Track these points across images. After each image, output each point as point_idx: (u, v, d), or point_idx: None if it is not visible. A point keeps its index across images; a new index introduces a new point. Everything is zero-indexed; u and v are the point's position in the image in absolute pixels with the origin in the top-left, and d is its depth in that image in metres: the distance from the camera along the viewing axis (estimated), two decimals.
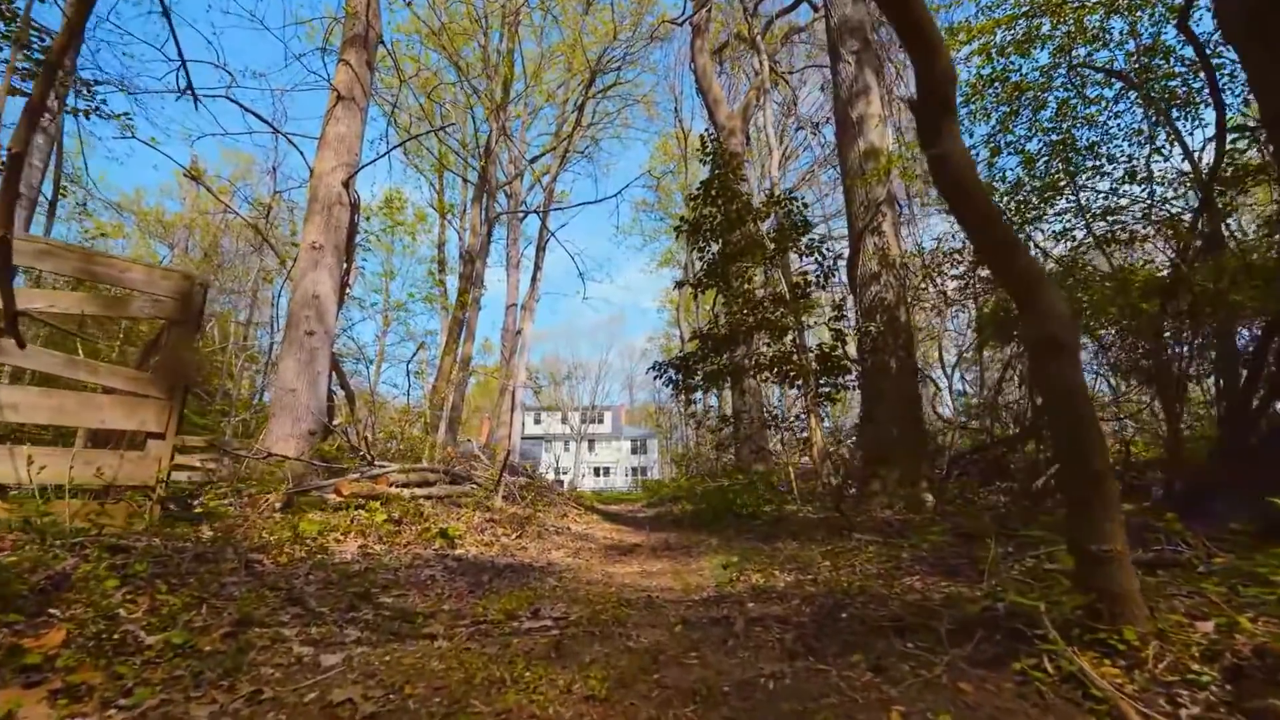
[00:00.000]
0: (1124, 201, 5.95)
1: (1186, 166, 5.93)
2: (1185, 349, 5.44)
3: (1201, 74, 5.67)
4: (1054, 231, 6.67)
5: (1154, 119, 5.81)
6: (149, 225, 26.27)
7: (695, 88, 17.64)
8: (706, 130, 13.38)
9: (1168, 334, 5.31)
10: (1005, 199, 7.03)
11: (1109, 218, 5.96)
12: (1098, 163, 6.23)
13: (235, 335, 19.74)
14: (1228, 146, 4.73)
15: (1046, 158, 6.57)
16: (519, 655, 2.24)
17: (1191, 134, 5.87)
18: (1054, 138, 6.55)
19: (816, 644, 2.16)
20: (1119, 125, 6.48)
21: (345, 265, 8.14)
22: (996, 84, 6.61)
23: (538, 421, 49.60)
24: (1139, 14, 5.97)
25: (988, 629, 1.97)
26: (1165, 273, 6.48)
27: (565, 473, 42.36)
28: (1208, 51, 4.87)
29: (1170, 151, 6.15)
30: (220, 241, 24.98)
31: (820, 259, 8.22)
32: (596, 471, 49.59)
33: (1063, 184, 6.27)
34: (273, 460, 5.98)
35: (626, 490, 35.45)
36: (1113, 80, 6.21)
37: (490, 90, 17.65)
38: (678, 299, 28.97)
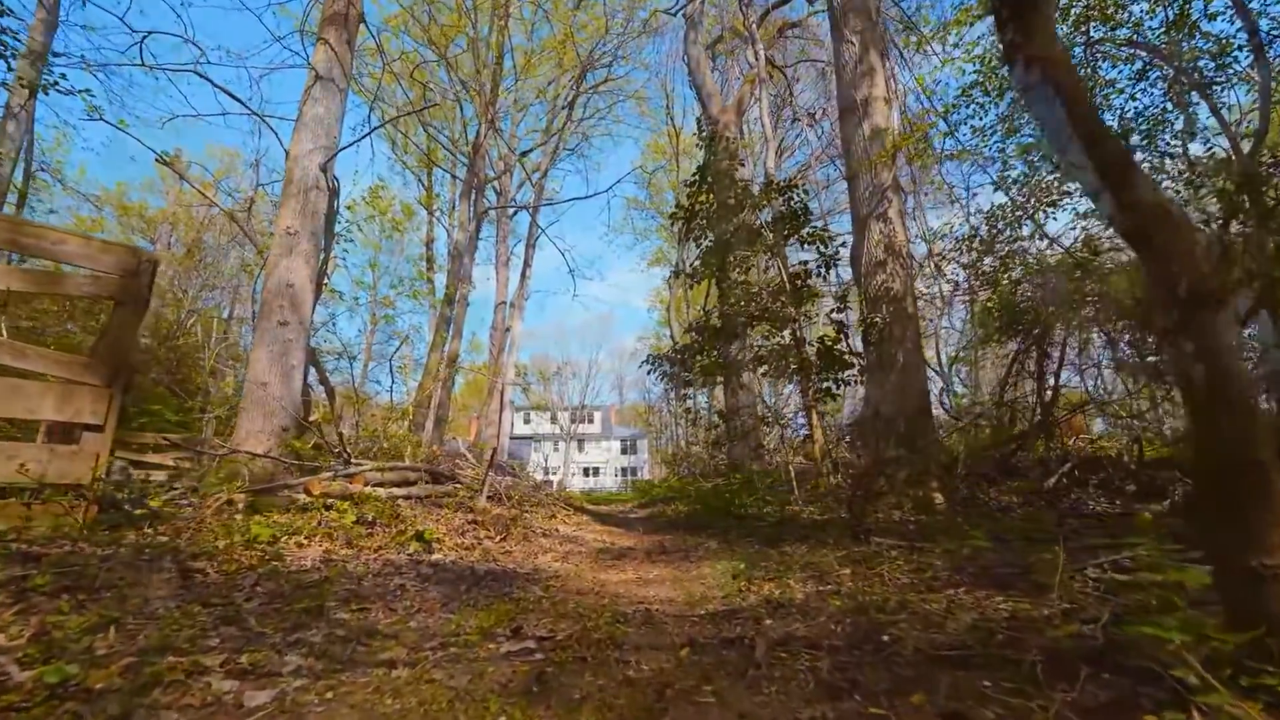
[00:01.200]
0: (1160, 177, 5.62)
1: (1212, 147, 5.61)
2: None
3: (1234, 46, 5.36)
4: (1077, 211, 6.41)
5: (1184, 90, 5.46)
6: (131, 220, 25.58)
7: (688, 82, 17.23)
8: (701, 118, 12.98)
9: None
10: (1018, 187, 6.74)
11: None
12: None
13: (217, 330, 19.11)
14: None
15: None
16: (493, 690, 1.83)
17: (1220, 112, 5.53)
18: None
19: (860, 676, 1.75)
20: (1135, 108, 6.20)
21: (323, 254, 7.66)
22: None
23: (527, 421, 48.95)
24: None
25: (1091, 663, 1.56)
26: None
27: (554, 472, 41.78)
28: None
29: (1190, 135, 5.85)
30: (204, 237, 24.31)
31: (822, 249, 7.84)
32: (586, 471, 48.98)
33: None
34: (239, 457, 5.52)
35: (617, 490, 35.01)
36: (1136, 56, 5.88)
37: (479, 83, 17.16)
38: (668, 298, 28.55)
